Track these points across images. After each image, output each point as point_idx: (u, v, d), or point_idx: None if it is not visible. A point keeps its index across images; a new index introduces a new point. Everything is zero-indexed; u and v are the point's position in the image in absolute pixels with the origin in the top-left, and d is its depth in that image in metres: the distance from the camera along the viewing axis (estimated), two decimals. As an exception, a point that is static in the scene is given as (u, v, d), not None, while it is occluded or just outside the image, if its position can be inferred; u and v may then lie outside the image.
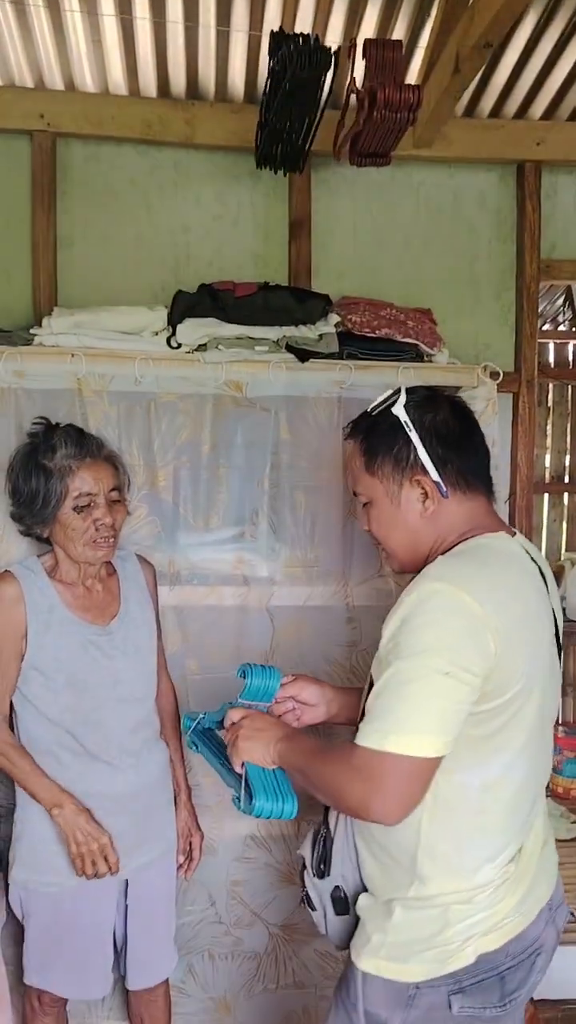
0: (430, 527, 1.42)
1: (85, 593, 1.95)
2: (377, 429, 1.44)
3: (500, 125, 2.67)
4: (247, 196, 2.63)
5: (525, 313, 2.75)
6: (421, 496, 1.41)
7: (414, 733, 1.22)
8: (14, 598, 1.86)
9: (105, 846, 1.82)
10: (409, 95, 2.00)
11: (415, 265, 2.72)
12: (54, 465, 1.86)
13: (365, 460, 1.46)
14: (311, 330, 2.31)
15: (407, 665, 1.23)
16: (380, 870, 1.43)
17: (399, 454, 1.41)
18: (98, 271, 2.57)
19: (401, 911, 1.38)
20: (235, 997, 2.37)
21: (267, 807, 1.40)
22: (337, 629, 2.38)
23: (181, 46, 2.35)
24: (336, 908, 1.50)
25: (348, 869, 1.49)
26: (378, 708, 1.26)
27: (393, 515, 1.44)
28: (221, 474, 2.31)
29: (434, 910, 1.35)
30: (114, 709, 1.90)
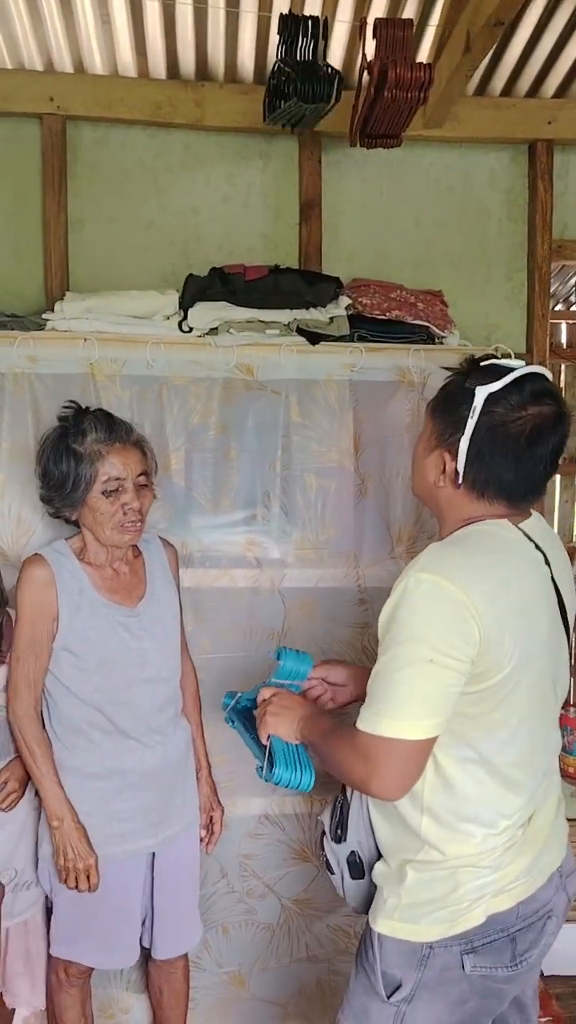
0: (436, 495, 1.47)
1: (113, 575, 1.98)
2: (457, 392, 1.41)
3: (511, 104, 2.65)
4: (257, 178, 2.62)
5: (537, 293, 2.74)
6: (440, 468, 1.44)
7: (405, 717, 1.29)
8: (46, 581, 1.89)
9: (90, 867, 1.88)
10: (420, 74, 2.00)
11: (426, 246, 2.71)
12: (84, 449, 1.88)
13: (433, 402, 1.49)
14: (322, 313, 2.32)
15: (397, 652, 1.30)
16: (392, 833, 1.48)
17: (448, 427, 1.42)
18: (109, 254, 2.57)
19: (413, 873, 1.43)
20: (249, 971, 2.42)
21: (285, 776, 1.51)
22: (349, 610, 2.40)
23: (190, 27, 2.35)
24: (352, 872, 1.56)
25: (363, 835, 1.55)
26: (373, 693, 1.33)
27: (419, 457, 1.51)
28: (232, 457, 2.33)
29: (443, 871, 1.41)
30: (142, 688, 1.94)
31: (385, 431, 2.38)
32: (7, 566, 2.15)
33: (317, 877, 2.42)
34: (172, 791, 2.01)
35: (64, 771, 1.91)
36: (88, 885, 1.88)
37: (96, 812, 1.92)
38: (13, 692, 1.90)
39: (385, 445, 2.39)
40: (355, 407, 2.37)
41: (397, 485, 2.39)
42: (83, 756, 1.92)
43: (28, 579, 1.90)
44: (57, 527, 2.13)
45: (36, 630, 1.88)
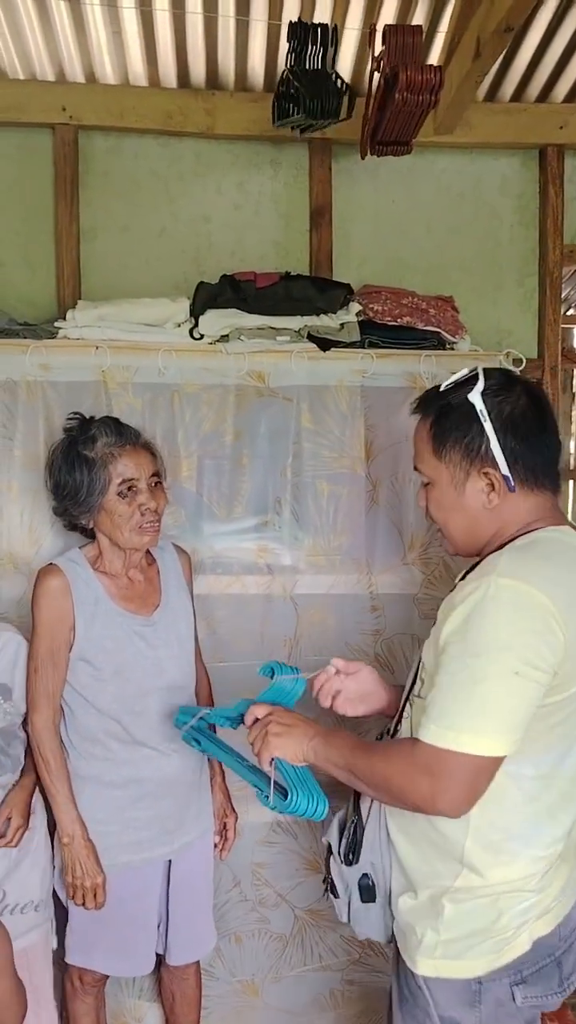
0: (492, 518, 1.38)
1: (128, 584, 1.98)
2: (450, 414, 1.38)
3: (522, 109, 2.65)
4: (268, 185, 2.63)
5: (548, 299, 2.73)
6: (487, 488, 1.36)
7: (485, 733, 1.22)
8: (62, 590, 1.89)
9: (97, 886, 1.88)
10: (431, 76, 2.00)
11: (437, 252, 2.71)
12: (96, 454, 1.89)
13: (434, 443, 1.39)
14: (332, 319, 2.32)
15: (477, 663, 1.22)
16: (422, 860, 1.39)
17: (471, 444, 1.36)
18: (121, 262, 2.58)
19: (451, 905, 1.34)
20: (262, 980, 2.40)
21: (303, 804, 1.38)
22: (361, 617, 2.40)
23: (201, 36, 2.36)
24: (363, 896, 1.48)
25: (378, 857, 1.47)
26: (443, 705, 1.24)
27: (455, 502, 1.40)
28: (244, 463, 2.33)
29: (484, 899, 1.33)
30: (159, 697, 1.94)
31: (396, 437, 2.38)
32: (18, 574, 2.16)
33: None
34: (187, 799, 2.01)
35: (81, 780, 1.91)
36: (95, 903, 1.88)
37: (113, 820, 1.92)
38: (32, 705, 1.89)
39: (397, 451, 2.38)
40: (366, 413, 2.37)
41: (409, 491, 2.39)
42: (100, 765, 1.92)
43: (44, 590, 1.90)
44: (68, 535, 2.13)
45: (54, 641, 1.88)
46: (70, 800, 1.88)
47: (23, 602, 2.11)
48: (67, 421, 2.00)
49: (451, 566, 2.39)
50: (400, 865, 1.44)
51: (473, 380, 1.36)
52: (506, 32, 2.00)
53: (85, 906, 1.88)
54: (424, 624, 2.40)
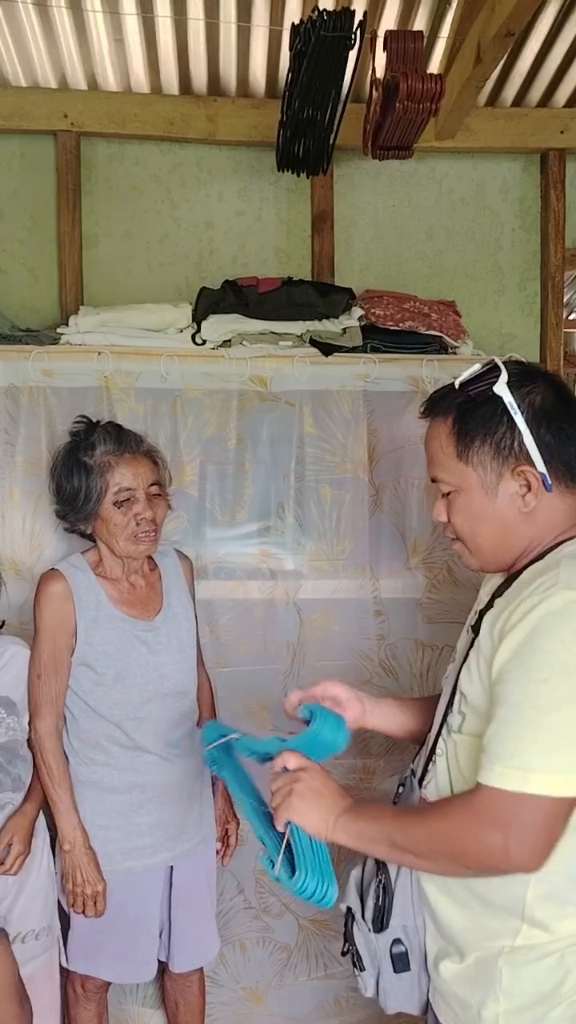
0: (527, 524, 1.23)
1: (130, 589, 1.98)
2: (475, 410, 1.23)
3: (523, 114, 2.65)
4: (270, 191, 2.63)
5: (550, 303, 2.73)
6: (523, 489, 1.22)
7: (561, 770, 1.06)
8: (64, 595, 1.89)
9: (97, 894, 1.87)
10: (432, 85, 2.00)
11: (438, 257, 2.71)
12: (94, 462, 1.89)
13: (458, 446, 1.24)
14: (335, 324, 2.32)
15: (545, 689, 1.07)
16: (469, 920, 1.22)
17: (502, 441, 1.21)
18: (123, 268, 2.59)
19: (510, 970, 1.17)
20: (267, 987, 2.39)
21: (310, 886, 1.18)
22: (365, 622, 2.39)
23: (202, 43, 2.36)
24: (396, 966, 1.31)
25: (410, 918, 1.30)
26: (512, 741, 1.08)
27: (486, 509, 1.24)
28: (247, 469, 2.33)
29: (550, 959, 1.16)
30: (160, 703, 1.93)
31: (399, 442, 2.38)
32: (20, 580, 2.15)
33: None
34: (190, 804, 2.00)
35: (83, 786, 1.90)
36: (95, 911, 1.87)
37: (116, 826, 1.91)
38: (35, 711, 1.89)
39: (400, 455, 2.38)
40: (369, 418, 2.37)
41: (412, 495, 2.39)
42: (102, 771, 1.91)
43: (46, 595, 1.90)
44: (70, 540, 2.14)
45: (56, 646, 1.88)
46: (72, 807, 1.87)
47: (25, 608, 2.10)
48: (74, 424, 2.01)
49: (455, 570, 2.38)
50: (440, 926, 1.27)
51: (493, 372, 1.23)
52: (507, 37, 2.00)
53: (85, 914, 1.88)
54: (429, 629, 2.40)
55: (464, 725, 1.23)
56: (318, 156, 2.30)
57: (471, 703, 1.21)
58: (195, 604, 2.13)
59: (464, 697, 1.23)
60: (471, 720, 1.21)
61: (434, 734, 1.31)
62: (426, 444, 1.32)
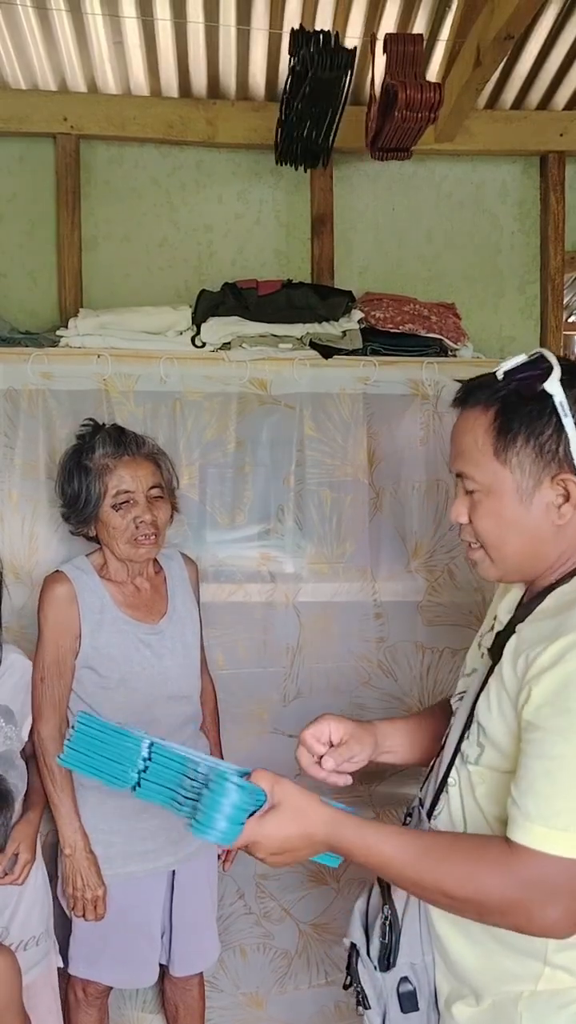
0: (558, 538, 1.13)
1: (134, 592, 1.97)
2: (522, 406, 1.11)
3: (523, 116, 2.65)
4: (269, 194, 2.63)
5: (550, 305, 2.73)
6: (560, 499, 1.11)
7: None
8: (68, 598, 1.89)
9: (98, 898, 1.87)
10: (430, 95, 2.00)
11: (438, 259, 2.71)
12: (93, 464, 1.89)
13: (497, 443, 1.12)
14: (334, 327, 2.32)
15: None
16: (485, 960, 1.14)
17: (547, 444, 1.10)
18: (122, 271, 2.59)
19: (531, 1016, 1.09)
20: (267, 992, 2.38)
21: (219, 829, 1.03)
22: (365, 625, 2.38)
23: (202, 46, 2.36)
24: (404, 1006, 1.22)
25: (419, 956, 1.22)
26: (553, 800, 0.99)
27: (518, 515, 1.13)
28: (247, 471, 2.32)
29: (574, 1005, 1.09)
30: (164, 706, 1.93)
31: (399, 444, 2.38)
32: (18, 584, 2.15)
33: (334, 901, 2.38)
34: None
35: (86, 790, 1.90)
36: (95, 915, 1.87)
37: (119, 830, 1.90)
38: (38, 714, 1.88)
39: (400, 458, 2.38)
40: (369, 421, 2.36)
41: (413, 498, 2.38)
42: None
43: (50, 597, 1.90)
44: (70, 543, 2.13)
45: (60, 648, 1.88)
46: (73, 812, 1.87)
47: (24, 612, 2.10)
48: (80, 427, 2.01)
49: (455, 573, 2.38)
50: (452, 965, 1.18)
51: (541, 364, 1.11)
52: (506, 40, 2.00)
53: (86, 918, 1.87)
54: (429, 631, 2.39)
55: (482, 758, 1.15)
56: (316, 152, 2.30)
57: (490, 737, 1.13)
58: (200, 608, 2.13)
59: (483, 729, 1.14)
60: (490, 754, 1.13)
61: (446, 762, 1.22)
62: (456, 435, 1.19)
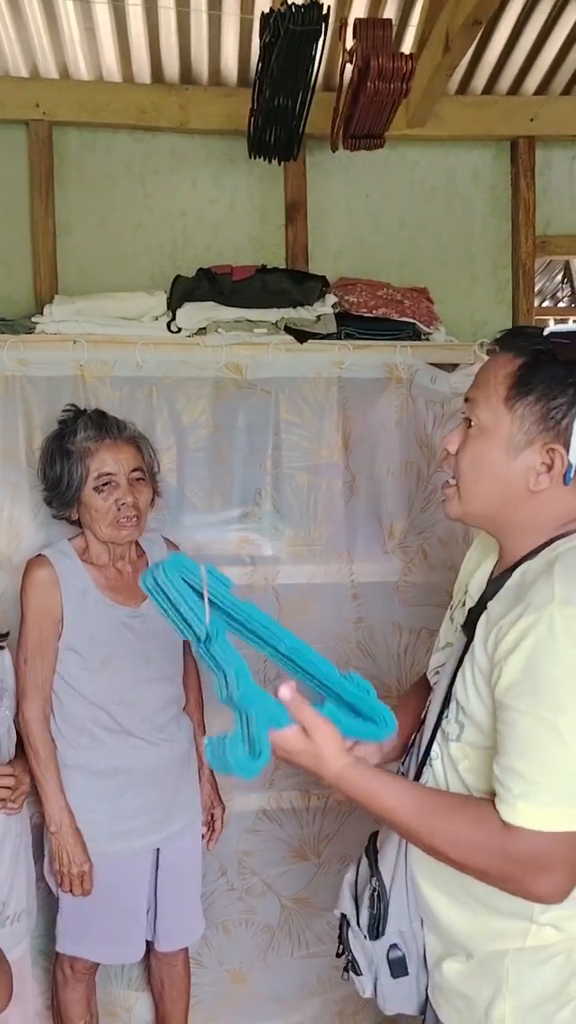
0: (526, 503, 1.16)
1: (116, 575, 2.00)
2: (548, 366, 1.12)
3: (493, 102, 2.68)
4: (243, 180, 2.64)
5: (522, 290, 2.76)
6: (544, 467, 1.13)
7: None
8: (50, 581, 1.91)
9: (84, 873, 1.90)
10: (402, 64, 2.01)
11: (411, 244, 2.73)
12: (75, 447, 1.92)
13: (511, 389, 1.14)
14: (309, 311, 2.34)
15: (563, 719, 1.01)
16: (473, 921, 1.17)
17: (553, 411, 1.11)
18: (97, 258, 2.59)
19: (517, 969, 1.13)
20: (250, 967, 2.42)
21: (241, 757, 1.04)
22: (343, 606, 2.42)
23: (173, 31, 2.37)
24: (394, 971, 1.27)
25: (407, 923, 1.27)
26: (534, 777, 1.02)
27: (499, 464, 1.15)
28: (224, 456, 2.34)
29: (558, 958, 1.12)
30: (147, 688, 1.96)
31: (375, 427, 2.41)
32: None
33: (316, 875, 2.43)
34: (176, 788, 2.03)
35: (70, 770, 1.93)
36: (82, 890, 1.91)
37: (102, 810, 1.94)
38: (23, 695, 1.91)
39: (375, 441, 2.41)
40: (344, 404, 2.39)
41: (388, 481, 2.42)
42: (88, 755, 1.93)
43: (32, 580, 1.92)
44: (49, 528, 2.14)
45: (42, 632, 1.90)
46: (58, 790, 1.90)
47: (5, 597, 2.11)
48: (62, 412, 2.03)
49: (429, 554, 2.42)
50: (441, 929, 1.22)
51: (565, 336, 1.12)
52: (475, 25, 2.02)
53: (73, 893, 1.90)
54: (406, 611, 2.43)
55: (463, 735, 1.17)
56: (289, 143, 2.31)
57: (469, 715, 1.16)
58: None
59: (461, 707, 1.17)
60: (470, 731, 1.16)
61: (427, 736, 1.25)
62: (482, 371, 1.20)
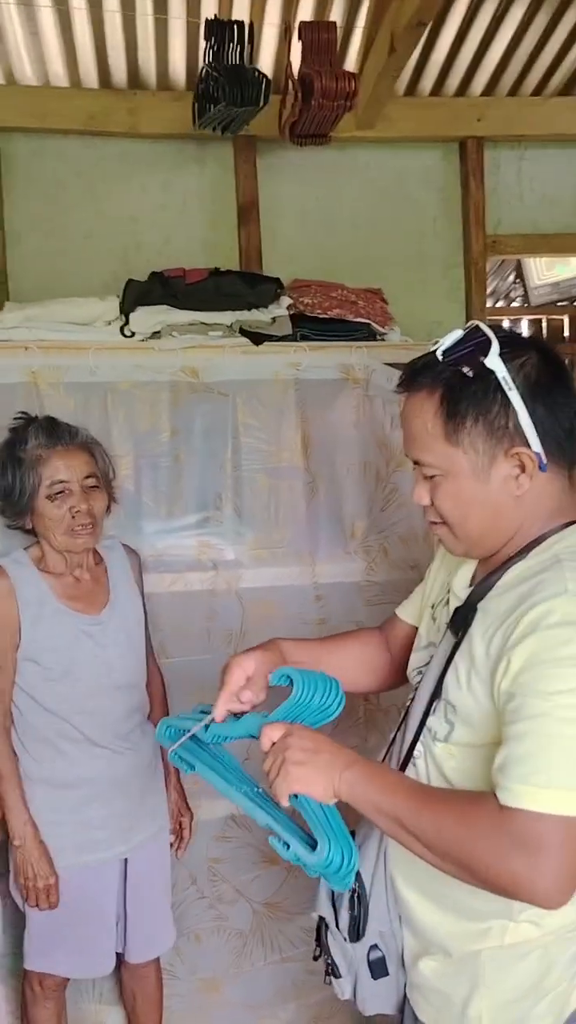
0: (518, 508, 1.14)
1: (74, 583, 1.97)
2: (466, 387, 1.10)
3: (440, 103, 2.71)
4: (194, 183, 2.64)
5: (474, 289, 2.80)
6: (516, 471, 1.12)
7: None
8: (6, 592, 1.88)
9: (50, 887, 1.87)
10: (345, 84, 2.04)
11: (364, 245, 2.75)
12: (27, 455, 1.88)
13: (447, 427, 1.11)
14: (264, 313, 2.33)
15: (562, 701, 0.99)
16: (452, 921, 1.16)
17: (496, 421, 1.10)
18: (48, 264, 2.57)
19: (494, 965, 1.12)
20: (224, 975, 2.40)
21: (336, 857, 1.04)
22: (306, 608, 2.40)
23: (120, 35, 2.36)
24: (374, 972, 1.25)
25: (386, 924, 1.25)
26: (539, 760, 0.99)
27: (477, 493, 1.13)
28: (182, 460, 2.32)
29: (535, 953, 1.12)
30: (109, 696, 1.93)
31: (333, 428, 2.40)
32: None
33: (287, 880, 2.41)
34: (142, 797, 2.00)
35: (33, 782, 1.90)
36: (48, 903, 1.87)
37: (68, 821, 1.90)
38: None
39: (334, 442, 2.41)
40: (302, 406, 2.38)
41: (348, 481, 2.41)
42: (51, 766, 1.90)
43: None
44: (9, 538, 2.10)
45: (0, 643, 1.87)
46: (21, 802, 1.87)
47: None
48: (13, 420, 2.00)
49: (389, 552, 2.42)
50: (418, 928, 1.21)
51: (477, 339, 1.10)
52: (419, 27, 2.05)
53: (39, 906, 1.87)
54: (369, 611, 2.43)
55: (452, 735, 1.15)
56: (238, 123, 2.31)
57: (461, 714, 1.13)
58: (144, 598, 2.13)
59: (452, 706, 1.14)
60: (461, 731, 1.14)
61: (410, 735, 1.22)
62: (405, 421, 1.18)
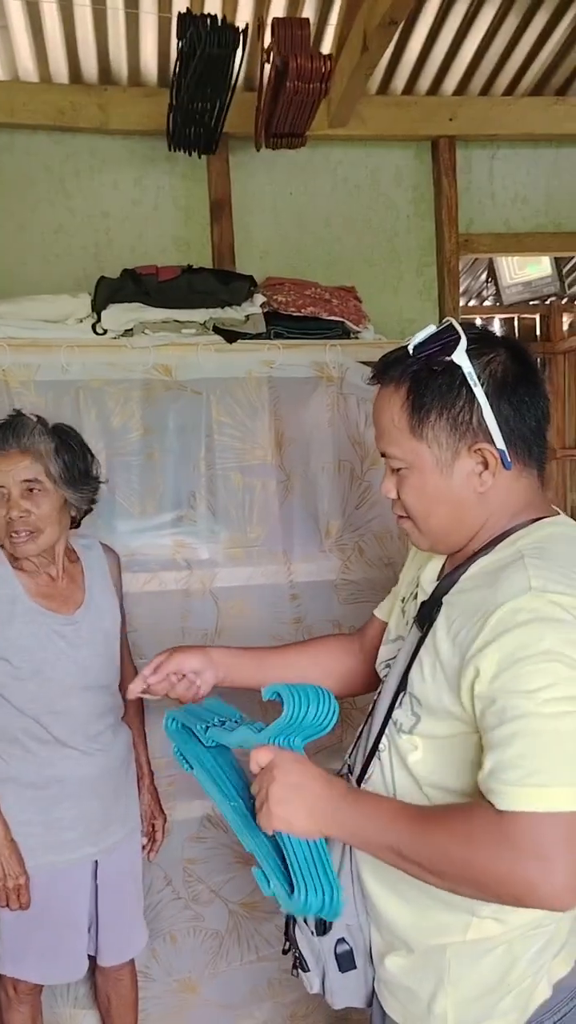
0: (481, 505, 1.15)
1: (49, 582, 1.94)
2: (431, 381, 1.12)
3: (413, 102, 2.71)
4: (165, 180, 2.62)
5: (447, 288, 2.80)
6: (479, 467, 1.13)
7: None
8: None
9: (20, 886, 1.85)
10: (320, 64, 2.03)
11: (337, 243, 2.75)
12: None
13: (412, 420, 1.14)
14: (237, 311, 2.32)
15: (547, 697, 0.99)
16: (416, 914, 1.17)
17: (460, 416, 1.12)
18: (18, 260, 2.54)
19: (458, 962, 1.13)
20: (200, 976, 2.39)
21: (314, 903, 1.02)
22: (281, 606, 2.40)
23: (91, 30, 2.34)
24: (341, 966, 1.25)
25: (353, 917, 1.24)
26: (532, 762, 0.97)
27: (440, 488, 1.15)
28: (155, 459, 2.31)
29: (498, 949, 1.13)
30: (81, 697, 1.91)
31: (307, 426, 2.40)
32: None
33: (263, 878, 2.41)
34: (114, 798, 1.99)
35: (2, 783, 1.87)
36: (19, 904, 1.85)
37: (36, 822, 1.88)
38: None
39: (308, 440, 2.40)
40: (276, 404, 2.38)
41: (322, 479, 2.41)
42: (19, 766, 1.88)
43: None
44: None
45: None
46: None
47: None
48: None
49: (365, 550, 2.42)
50: (385, 924, 1.21)
51: (448, 335, 1.12)
52: (391, 25, 2.05)
53: (9, 907, 1.85)
54: (344, 609, 2.43)
55: (418, 727, 1.15)
56: (209, 139, 2.31)
57: (426, 706, 1.13)
58: (122, 598, 2.11)
59: (416, 699, 1.15)
60: (427, 722, 1.14)
61: (376, 729, 1.23)
62: (375, 415, 1.21)
